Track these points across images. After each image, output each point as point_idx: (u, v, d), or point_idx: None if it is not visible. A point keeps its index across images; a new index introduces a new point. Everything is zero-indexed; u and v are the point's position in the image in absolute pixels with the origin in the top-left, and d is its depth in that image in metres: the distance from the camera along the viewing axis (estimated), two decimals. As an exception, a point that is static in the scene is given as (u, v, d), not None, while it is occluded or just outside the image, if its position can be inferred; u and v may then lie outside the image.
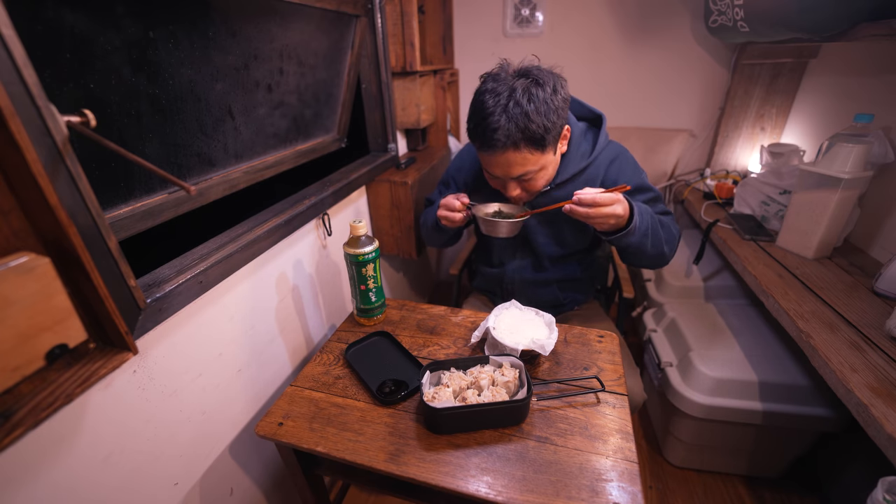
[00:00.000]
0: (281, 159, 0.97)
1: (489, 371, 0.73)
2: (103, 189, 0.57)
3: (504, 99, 0.76)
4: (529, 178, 0.84)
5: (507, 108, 0.75)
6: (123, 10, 0.56)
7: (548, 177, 0.88)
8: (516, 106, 0.75)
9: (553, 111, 0.77)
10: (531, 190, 0.88)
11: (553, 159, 0.86)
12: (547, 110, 0.76)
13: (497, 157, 0.80)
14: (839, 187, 0.98)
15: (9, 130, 0.40)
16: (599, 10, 1.62)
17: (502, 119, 0.76)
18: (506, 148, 0.78)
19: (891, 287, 0.90)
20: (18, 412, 0.44)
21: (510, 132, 0.76)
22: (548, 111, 0.76)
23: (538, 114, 0.75)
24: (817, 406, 1.04)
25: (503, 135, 0.76)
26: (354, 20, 1.10)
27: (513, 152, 0.79)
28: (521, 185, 0.87)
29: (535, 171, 0.83)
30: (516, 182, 0.86)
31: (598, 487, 0.58)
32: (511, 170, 0.82)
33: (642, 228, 0.81)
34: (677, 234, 0.93)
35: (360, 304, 0.93)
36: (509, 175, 0.84)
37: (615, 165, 0.93)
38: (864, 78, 1.18)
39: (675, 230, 0.92)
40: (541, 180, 0.87)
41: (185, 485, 0.73)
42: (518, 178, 0.84)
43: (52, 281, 0.45)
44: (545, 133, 0.77)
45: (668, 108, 1.71)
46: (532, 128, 0.76)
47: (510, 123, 0.75)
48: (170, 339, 0.67)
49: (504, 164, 0.81)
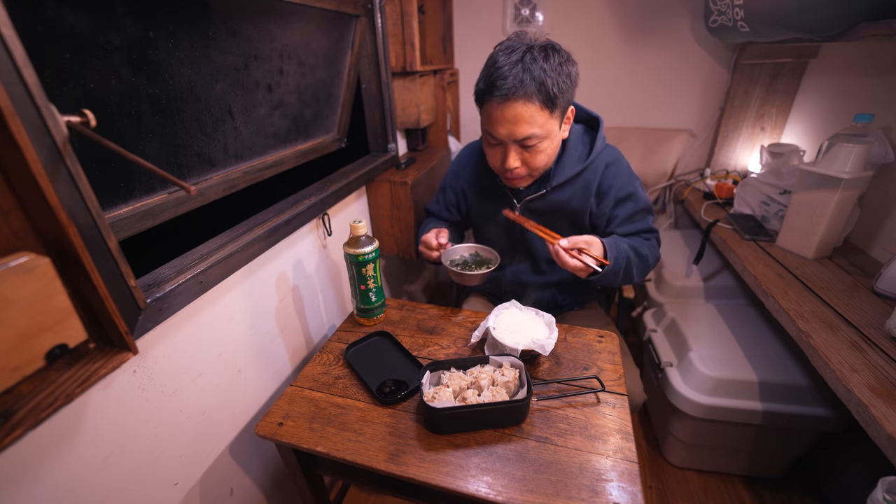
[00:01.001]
0: (281, 159, 0.97)
1: (489, 371, 0.73)
2: (103, 189, 0.57)
3: (519, 54, 0.76)
4: (532, 144, 0.81)
5: (523, 60, 0.75)
6: (123, 10, 0.56)
7: (548, 156, 0.86)
8: (533, 61, 0.75)
9: (567, 77, 0.77)
10: (531, 165, 0.85)
11: (557, 135, 0.84)
12: (561, 72, 0.76)
13: (505, 108, 0.78)
14: (839, 187, 0.98)
15: (9, 130, 0.40)
16: (599, 9, 1.62)
17: (517, 68, 0.75)
18: (517, 96, 0.76)
19: (891, 287, 0.90)
20: (18, 412, 0.43)
21: (524, 80, 0.75)
22: (562, 73, 0.76)
23: (553, 71, 0.75)
24: (817, 406, 1.04)
25: (516, 80, 0.75)
26: (354, 20, 1.10)
27: (523, 103, 0.76)
28: (522, 157, 0.84)
29: (540, 139, 0.81)
30: (518, 149, 0.83)
31: (598, 487, 0.58)
32: (517, 127, 0.79)
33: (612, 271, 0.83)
34: (653, 262, 0.94)
35: (360, 304, 0.93)
36: (514, 135, 0.80)
37: (610, 171, 0.93)
38: (864, 78, 1.18)
39: (651, 259, 0.92)
40: (541, 155, 0.84)
41: (185, 485, 0.73)
42: (522, 141, 0.81)
43: (52, 281, 0.45)
44: (558, 93, 0.76)
45: (668, 108, 1.71)
46: (547, 82, 0.75)
47: (525, 73, 0.74)
48: (170, 339, 0.67)
49: (511, 119, 0.78)
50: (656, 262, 0.95)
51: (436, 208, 1.14)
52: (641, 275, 0.91)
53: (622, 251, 0.85)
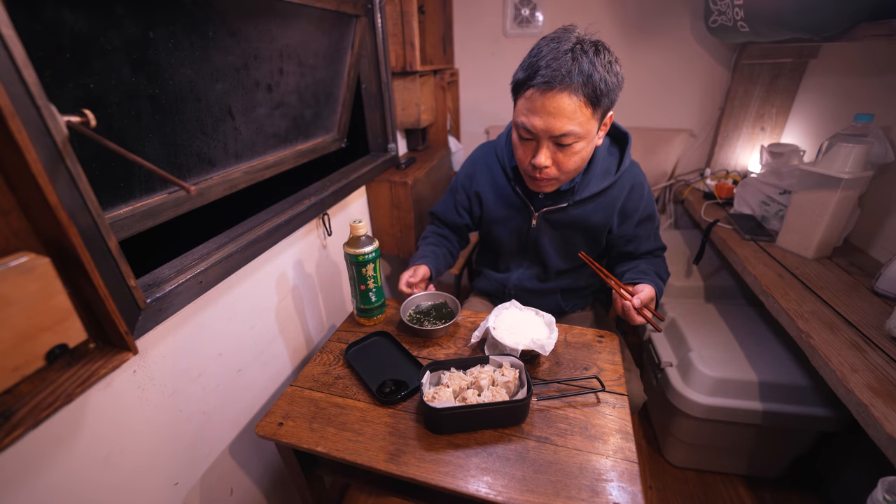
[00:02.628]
0: (281, 159, 0.97)
1: (489, 371, 0.73)
2: (103, 189, 0.57)
3: (569, 44, 0.71)
4: (569, 143, 0.76)
5: (573, 50, 0.70)
6: (123, 10, 0.56)
7: (582, 159, 0.80)
8: (583, 53, 0.70)
9: (615, 76, 0.73)
10: (563, 167, 0.79)
11: (594, 138, 0.79)
12: (610, 70, 0.72)
13: (547, 98, 0.72)
14: (839, 187, 0.98)
15: (9, 130, 0.40)
16: (599, 9, 1.62)
17: (565, 57, 0.70)
18: (563, 85, 0.70)
19: (891, 287, 0.90)
20: (18, 412, 0.43)
21: (571, 70, 0.69)
22: (611, 71, 0.72)
23: (602, 67, 0.71)
24: (817, 406, 1.04)
25: (564, 70, 0.69)
26: (354, 20, 1.10)
27: (568, 95, 0.71)
28: (555, 156, 0.78)
29: (577, 138, 0.75)
30: (552, 147, 0.77)
31: (598, 487, 0.58)
32: (556, 121, 0.73)
33: None
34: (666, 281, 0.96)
35: (360, 304, 0.93)
36: (551, 129, 0.74)
37: (636, 192, 0.91)
38: (864, 78, 1.18)
39: (665, 278, 0.95)
40: (576, 157, 0.79)
41: (185, 485, 0.73)
42: (558, 138, 0.75)
43: (52, 281, 0.45)
44: (605, 91, 0.72)
45: (668, 108, 1.71)
46: (595, 76, 0.70)
47: (573, 63, 0.69)
48: (170, 339, 0.67)
49: (552, 110, 0.72)
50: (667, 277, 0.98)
51: (442, 210, 1.09)
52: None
53: (661, 289, 0.88)
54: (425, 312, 0.93)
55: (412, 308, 0.94)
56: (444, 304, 0.94)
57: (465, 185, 1.04)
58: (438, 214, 1.10)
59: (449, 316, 0.90)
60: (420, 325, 0.88)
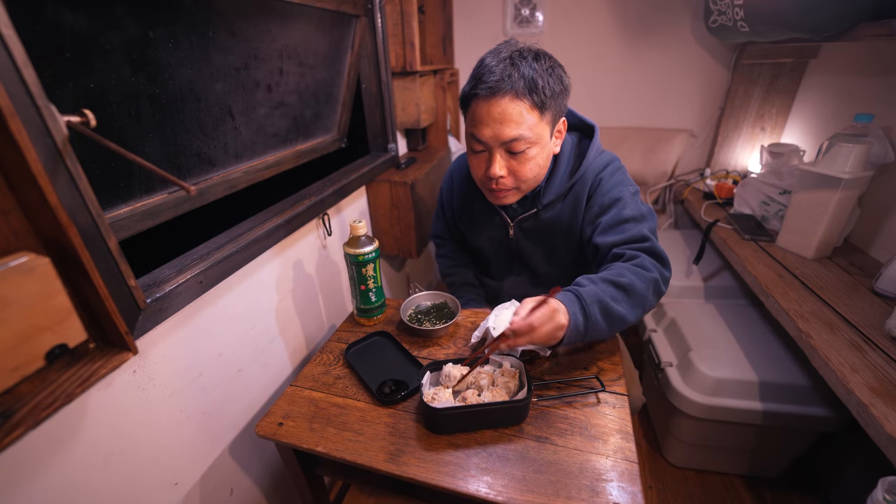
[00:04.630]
0: (281, 159, 0.97)
1: (489, 371, 0.73)
2: (103, 189, 0.57)
3: (508, 53, 0.72)
4: (521, 150, 0.75)
5: (511, 57, 0.71)
6: (123, 10, 0.56)
7: (539, 166, 0.78)
8: (522, 59, 0.71)
9: (558, 81, 0.73)
10: (518, 175, 0.78)
11: (547, 144, 0.78)
12: (552, 74, 0.72)
13: (491, 104, 0.72)
14: (839, 187, 0.98)
15: (9, 130, 0.40)
16: (599, 9, 1.62)
17: (504, 63, 0.71)
18: (504, 91, 0.70)
19: (891, 287, 0.90)
20: (18, 412, 0.43)
21: (512, 76, 0.70)
22: (553, 76, 0.72)
23: (544, 72, 0.71)
24: (817, 406, 1.04)
25: (504, 75, 0.70)
26: (354, 20, 1.10)
27: (510, 99, 0.71)
28: (509, 165, 0.77)
29: (529, 143, 0.74)
30: (505, 155, 0.76)
31: (598, 487, 0.58)
32: (504, 127, 0.72)
33: (583, 327, 0.67)
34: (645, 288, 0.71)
35: (360, 304, 0.93)
36: (500, 136, 0.73)
37: (599, 181, 0.84)
38: (864, 78, 1.18)
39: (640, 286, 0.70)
40: (530, 163, 0.77)
41: (185, 485, 0.73)
42: (509, 144, 0.74)
43: (52, 281, 0.45)
44: (549, 95, 0.72)
45: (668, 108, 1.71)
46: (537, 79, 0.70)
47: (513, 69, 0.70)
48: (170, 339, 0.67)
49: (497, 116, 0.72)
50: (654, 284, 0.73)
51: (441, 230, 1.11)
52: (634, 309, 0.71)
53: (591, 297, 0.68)
54: (425, 312, 0.93)
55: (412, 308, 0.94)
56: (444, 305, 0.94)
57: (447, 200, 1.06)
58: (441, 235, 1.12)
59: (449, 316, 0.90)
60: (420, 325, 0.88)
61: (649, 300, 0.72)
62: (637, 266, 0.73)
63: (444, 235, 1.12)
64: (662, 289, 0.75)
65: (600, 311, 0.68)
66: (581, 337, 0.68)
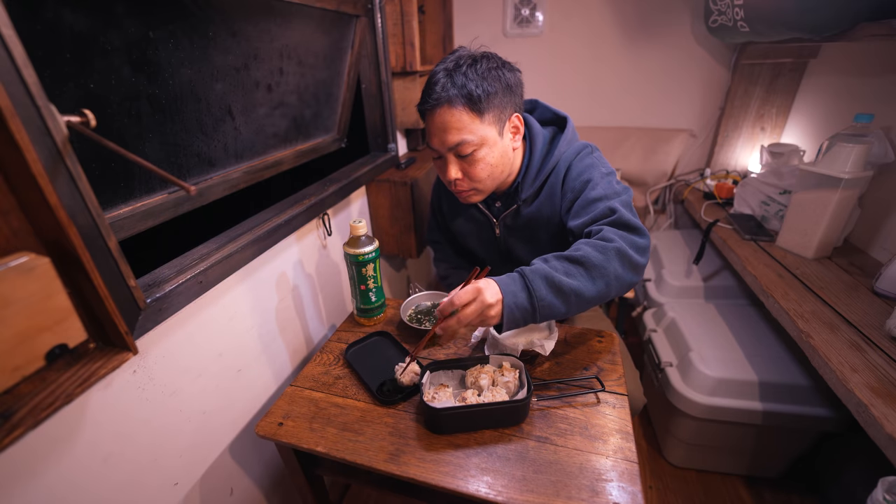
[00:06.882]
0: (281, 159, 0.97)
1: (489, 371, 0.73)
2: (103, 189, 0.57)
3: (445, 65, 0.77)
4: (468, 153, 0.78)
5: (448, 69, 0.76)
6: (123, 10, 0.56)
7: (491, 165, 0.80)
8: (457, 68, 0.76)
9: (496, 79, 0.76)
10: (472, 176, 0.81)
11: (497, 143, 0.80)
12: (488, 76, 0.75)
13: (435, 116, 0.77)
14: (839, 187, 0.98)
15: (9, 130, 0.39)
16: (599, 10, 1.62)
17: (440, 76, 0.76)
18: (440, 103, 0.75)
19: (891, 287, 0.90)
20: (18, 412, 0.43)
21: (446, 87, 0.75)
22: (488, 77, 0.75)
23: (478, 75, 0.75)
24: (817, 406, 1.04)
25: (440, 88, 0.75)
26: (354, 20, 1.10)
27: (447, 108, 0.75)
28: (462, 166, 0.81)
29: (475, 146, 0.77)
30: (454, 159, 0.80)
31: (598, 487, 0.58)
32: (447, 135, 0.77)
33: (528, 304, 0.65)
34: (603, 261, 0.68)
35: (360, 304, 0.93)
36: (446, 143, 0.78)
37: (569, 166, 0.85)
38: (865, 78, 1.18)
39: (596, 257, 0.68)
40: (481, 164, 0.79)
41: (185, 485, 0.73)
42: (455, 148, 0.78)
43: (52, 281, 0.45)
44: (484, 95, 0.75)
45: (668, 108, 1.71)
46: (469, 86, 0.74)
47: (448, 80, 0.75)
48: (170, 339, 0.67)
49: (440, 126, 0.77)
50: (618, 253, 0.68)
51: (437, 236, 1.15)
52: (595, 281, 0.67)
53: (535, 272, 0.67)
54: (425, 312, 0.93)
55: (412, 308, 0.94)
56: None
57: (437, 205, 1.10)
58: (436, 239, 1.15)
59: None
60: (420, 325, 0.88)
61: (613, 270, 0.68)
62: (599, 239, 0.71)
63: (438, 239, 1.15)
64: (633, 256, 0.69)
65: (547, 286, 0.66)
66: (530, 315, 0.66)
